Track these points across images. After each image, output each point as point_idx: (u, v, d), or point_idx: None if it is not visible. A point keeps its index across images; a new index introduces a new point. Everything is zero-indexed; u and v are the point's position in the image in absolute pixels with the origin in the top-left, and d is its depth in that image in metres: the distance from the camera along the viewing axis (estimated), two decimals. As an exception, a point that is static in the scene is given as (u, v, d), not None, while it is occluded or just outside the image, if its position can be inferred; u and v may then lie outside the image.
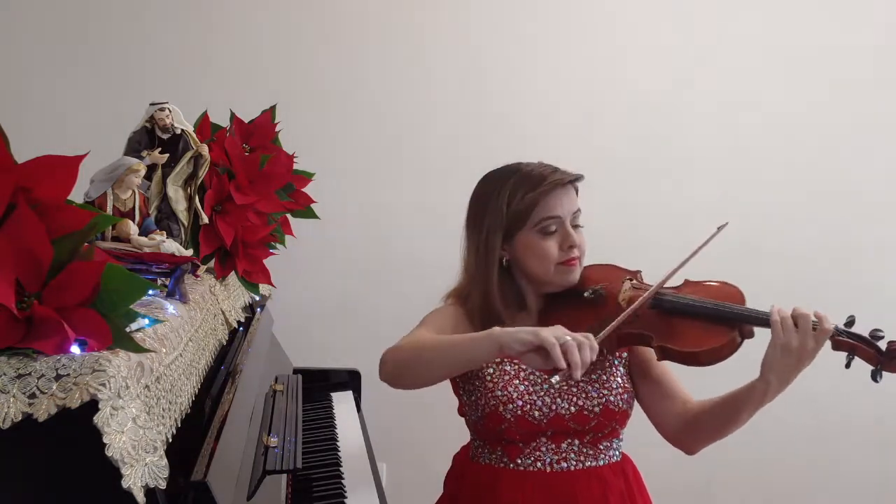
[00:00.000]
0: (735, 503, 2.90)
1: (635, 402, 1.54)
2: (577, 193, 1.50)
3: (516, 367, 1.47)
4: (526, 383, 1.45)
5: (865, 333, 1.32)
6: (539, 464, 1.44)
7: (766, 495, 2.90)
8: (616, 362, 1.51)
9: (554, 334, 1.20)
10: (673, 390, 1.51)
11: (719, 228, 1.47)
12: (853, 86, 2.89)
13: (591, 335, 1.22)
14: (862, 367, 1.32)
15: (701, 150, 2.87)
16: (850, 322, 1.33)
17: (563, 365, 1.17)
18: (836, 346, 1.32)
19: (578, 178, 1.49)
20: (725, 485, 2.86)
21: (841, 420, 2.87)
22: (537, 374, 1.47)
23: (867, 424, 2.87)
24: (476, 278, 1.49)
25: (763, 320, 1.35)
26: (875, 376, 1.30)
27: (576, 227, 1.49)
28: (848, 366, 1.32)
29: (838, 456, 2.89)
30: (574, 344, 1.18)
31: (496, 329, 1.26)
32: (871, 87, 2.90)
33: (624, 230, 2.71)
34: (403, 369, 1.36)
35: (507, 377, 1.45)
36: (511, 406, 1.42)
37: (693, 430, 1.47)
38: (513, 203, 1.45)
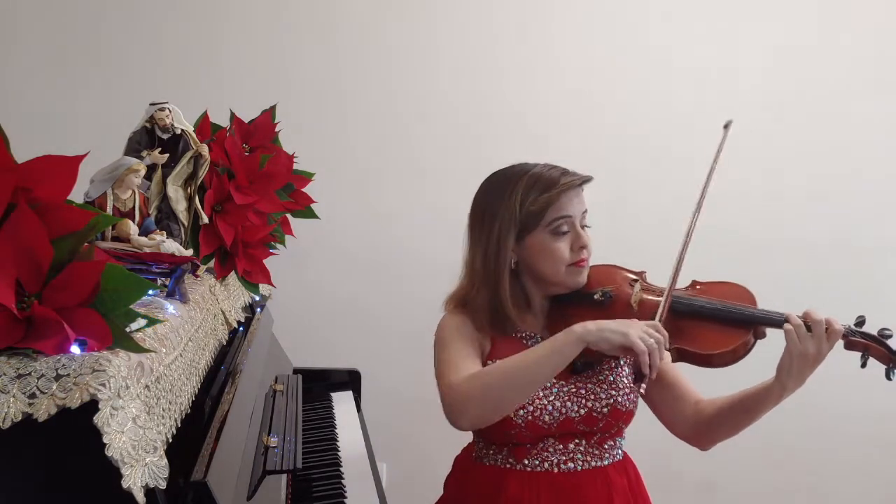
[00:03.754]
0: (735, 503, 2.90)
1: (642, 403, 1.54)
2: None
3: None
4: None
5: (874, 332, 1.32)
6: (546, 464, 1.44)
7: (767, 495, 2.90)
8: (622, 362, 1.51)
9: (641, 337, 1.25)
10: (684, 391, 1.51)
11: (726, 127, 1.54)
12: (857, 85, 2.89)
13: (657, 323, 1.30)
14: (870, 366, 1.32)
15: (702, 150, 2.86)
16: (861, 322, 1.34)
17: (654, 375, 1.25)
18: (849, 346, 1.33)
19: (589, 179, 1.49)
20: (725, 483, 2.86)
21: (843, 419, 2.86)
22: None
23: (870, 424, 2.87)
24: (485, 279, 1.47)
25: (776, 322, 1.35)
26: (889, 374, 1.31)
27: (584, 227, 1.49)
28: (864, 365, 1.33)
29: (840, 455, 2.89)
30: (657, 347, 1.25)
31: (577, 327, 1.29)
32: (875, 87, 2.90)
33: (626, 230, 2.70)
34: (495, 401, 1.32)
35: None
36: (521, 411, 1.41)
37: (708, 429, 1.48)
38: (526, 204, 1.44)
